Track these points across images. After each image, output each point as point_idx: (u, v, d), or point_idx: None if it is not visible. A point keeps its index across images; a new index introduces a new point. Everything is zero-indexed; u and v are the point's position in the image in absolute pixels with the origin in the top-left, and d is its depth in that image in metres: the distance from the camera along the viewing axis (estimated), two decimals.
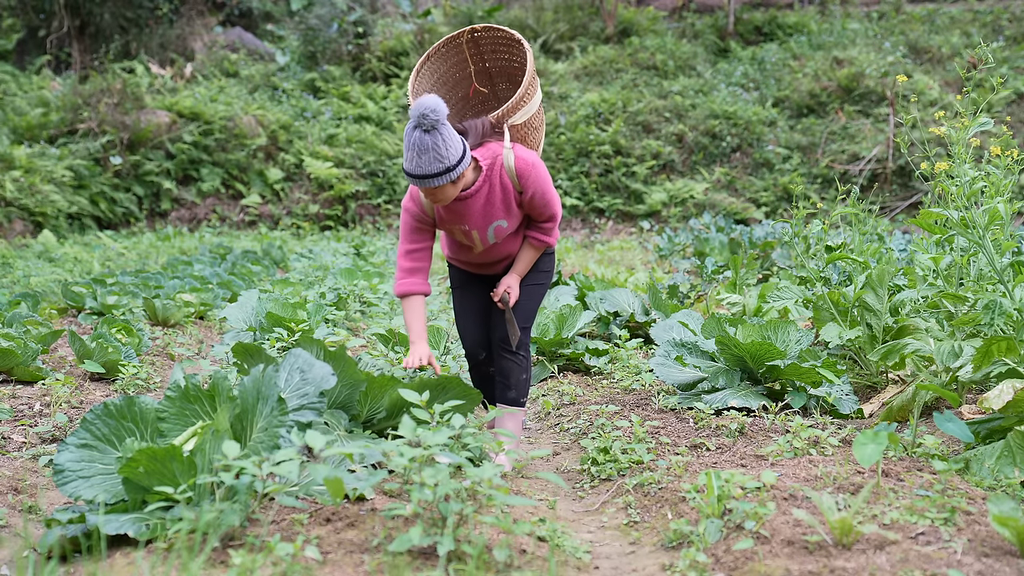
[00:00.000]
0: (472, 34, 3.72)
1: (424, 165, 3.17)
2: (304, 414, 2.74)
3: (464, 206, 3.45)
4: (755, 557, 2.32)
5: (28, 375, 4.70)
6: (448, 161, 3.20)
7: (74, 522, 2.53)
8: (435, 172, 3.19)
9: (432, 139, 3.16)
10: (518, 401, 3.64)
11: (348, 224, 16.16)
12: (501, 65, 3.82)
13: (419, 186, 3.25)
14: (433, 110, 3.14)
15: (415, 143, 3.16)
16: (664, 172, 17.23)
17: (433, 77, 3.76)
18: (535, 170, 3.45)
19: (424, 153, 3.16)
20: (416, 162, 3.18)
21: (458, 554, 2.32)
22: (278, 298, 6.11)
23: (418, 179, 3.21)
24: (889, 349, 3.86)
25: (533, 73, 3.55)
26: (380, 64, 19.58)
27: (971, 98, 4.43)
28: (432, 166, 3.18)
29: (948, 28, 20.11)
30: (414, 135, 3.17)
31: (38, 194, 13.42)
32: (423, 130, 3.15)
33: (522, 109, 3.52)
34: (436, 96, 3.18)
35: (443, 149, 3.18)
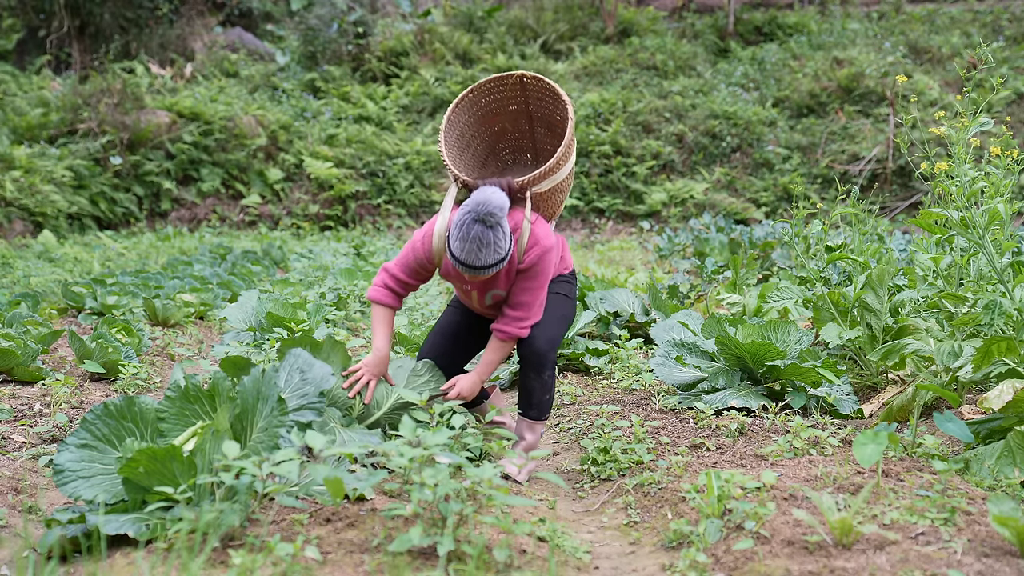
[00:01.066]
0: (522, 79, 3.70)
1: (484, 258, 3.18)
2: (304, 414, 2.74)
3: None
4: (755, 557, 2.32)
5: (28, 375, 4.70)
6: (503, 251, 3.22)
7: (74, 522, 2.53)
8: (492, 263, 3.20)
9: (494, 235, 3.16)
10: (539, 418, 3.55)
11: (348, 224, 16.16)
12: (543, 112, 3.81)
13: (469, 275, 3.23)
14: (500, 207, 3.14)
15: (476, 236, 3.14)
16: (664, 172, 17.24)
17: (473, 108, 3.75)
18: (543, 254, 3.39)
19: (485, 247, 3.16)
20: (476, 255, 3.16)
21: (458, 554, 2.32)
22: (278, 298, 6.11)
23: (473, 269, 3.20)
24: (889, 349, 3.86)
25: (570, 141, 3.49)
26: (380, 64, 19.58)
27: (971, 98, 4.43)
28: (489, 259, 3.19)
29: (948, 28, 20.11)
30: (475, 228, 3.14)
31: (38, 194, 13.42)
32: (487, 226, 3.14)
33: (551, 177, 3.48)
34: (499, 192, 3.17)
35: (502, 242, 3.19)
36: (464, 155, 3.82)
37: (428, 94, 18.87)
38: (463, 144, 3.81)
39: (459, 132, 3.78)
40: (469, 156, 3.86)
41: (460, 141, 3.79)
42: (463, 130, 3.79)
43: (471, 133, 3.83)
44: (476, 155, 3.89)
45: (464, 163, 3.80)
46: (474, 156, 3.88)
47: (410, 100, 18.81)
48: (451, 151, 3.69)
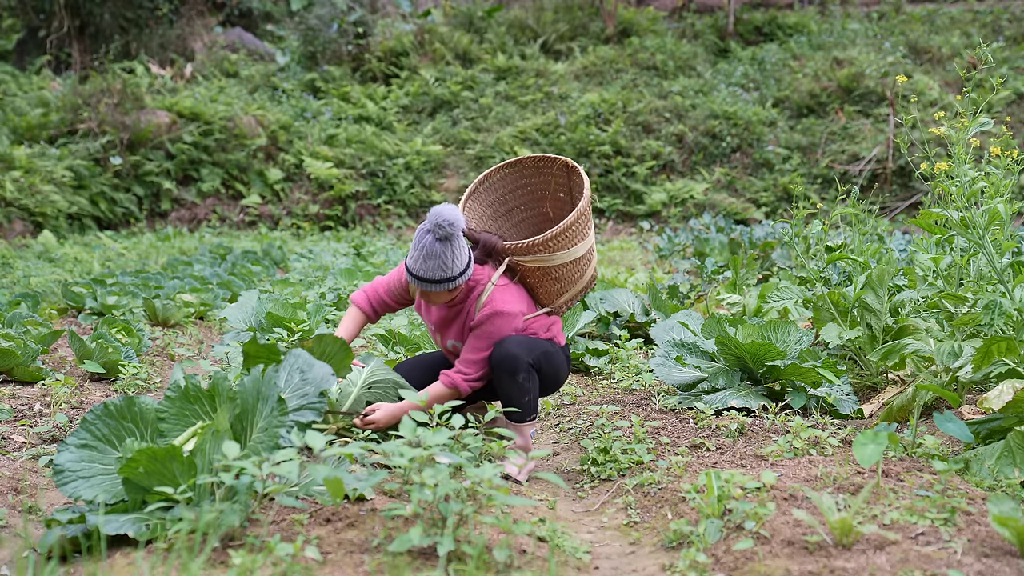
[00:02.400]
0: (566, 165, 3.76)
1: (427, 270, 3.25)
2: (304, 414, 2.73)
3: (443, 313, 3.51)
4: (755, 557, 2.32)
5: (28, 375, 4.70)
6: (450, 272, 3.27)
7: (74, 522, 2.53)
8: (434, 279, 3.27)
9: (442, 248, 3.22)
10: (524, 420, 3.50)
11: (348, 224, 16.16)
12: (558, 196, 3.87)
13: (414, 285, 3.32)
14: (451, 223, 3.20)
15: (424, 246, 3.23)
16: (664, 172, 17.24)
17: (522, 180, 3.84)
18: (493, 317, 3.38)
19: (430, 259, 3.23)
20: (420, 264, 3.25)
21: (458, 554, 2.32)
22: (278, 298, 6.11)
23: (416, 280, 3.29)
24: (889, 349, 3.86)
25: (571, 224, 3.46)
26: (380, 64, 19.58)
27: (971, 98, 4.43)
28: (434, 273, 3.25)
29: (948, 28, 20.11)
30: (425, 239, 3.23)
31: (38, 194, 13.42)
32: (436, 237, 3.21)
33: (538, 255, 3.47)
34: (456, 209, 3.24)
35: (449, 260, 3.24)
36: (501, 220, 3.88)
37: (428, 94, 18.87)
38: (504, 210, 3.87)
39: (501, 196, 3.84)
40: (511, 223, 3.91)
41: (501, 206, 3.86)
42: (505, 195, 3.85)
43: (516, 203, 3.89)
44: (521, 223, 3.94)
45: (499, 225, 3.86)
46: (517, 223, 3.93)
47: (410, 100, 18.80)
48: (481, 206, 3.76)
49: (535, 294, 3.61)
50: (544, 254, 3.47)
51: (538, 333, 3.55)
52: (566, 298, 3.64)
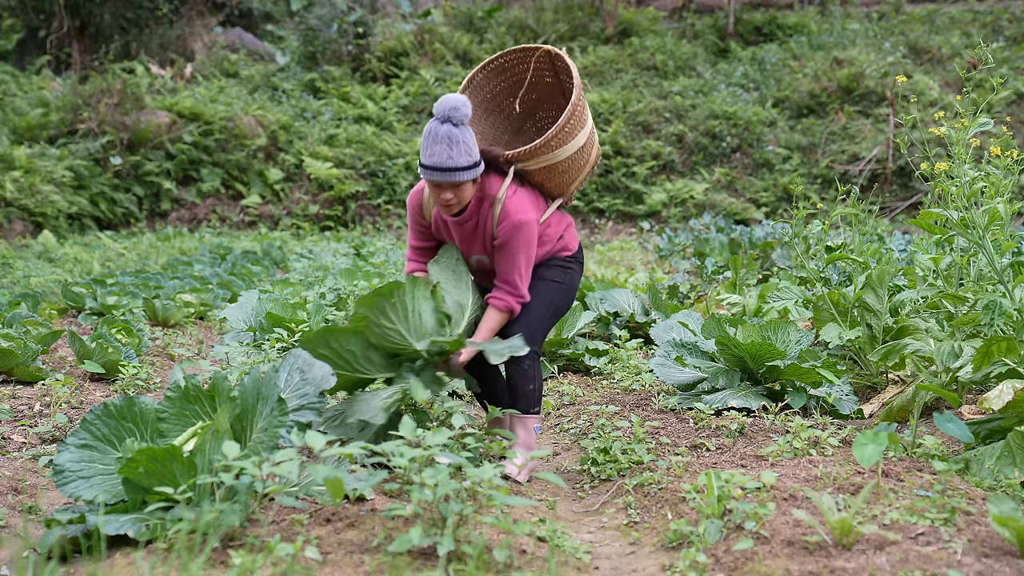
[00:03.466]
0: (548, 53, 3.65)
1: (456, 157, 3.15)
2: (304, 414, 2.73)
3: (458, 227, 3.44)
4: (755, 557, 2.32)
5: (28, 375, 4.70)
6: (475, 156, 3.20)
7: (74, 522, 2.53)
8: (465, 165, 3.17)
9: (462, 133, 3.16)
10: (527, 411, 3.49)
11: (348, 224, 16.16)
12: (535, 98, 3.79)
13: (444, 180, 3.18)
14: (464, 104, 3.16)
15: (445, 135, 3.13)
16: (664, 172, 17.24)
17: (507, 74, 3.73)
18: (515, 229, 3.33)
19: (455, 144, 3.14)
20: (448, 154, 3.14)
21: (458, 554, 2.32)
22: (278, 298, 6.11)
23: (447, 172, 3.16)
24: (889, 349, 3.86)
25: (567, 122, 3.41)
26: (380, 64, 19.58)
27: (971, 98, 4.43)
28: (463, 158, 3.16)
29: (948, 28, 20.11)
30: (443, 128, 3.14)
31: (38, 194, 13.42)
32: (453, 124, 3.15)
33: (542, 157, 3.42)
34: (462, 96, 3.20)
35: (472, 144, 3.19)
36: (493, 118, 3.78)
37: (428, 94, 18.87)
38: (493, 106, 3.77)
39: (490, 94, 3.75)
40: (502, 119, 3.82)
41: (491, 103, 3.76)
42: (495, 92, 3.76)
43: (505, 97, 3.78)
44: (511, 121, 3.85)
45: (491, 126, 3.77)
46: (507, 120, 3.84)
47: (410, 100, 18.81)
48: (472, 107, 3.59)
49: (544, 190, 3.56)
50: (547, 154, 3.43)
51: (554, 240, 3.54)
52: (576, 185, 3.63)
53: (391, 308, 3.10)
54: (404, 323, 3.12)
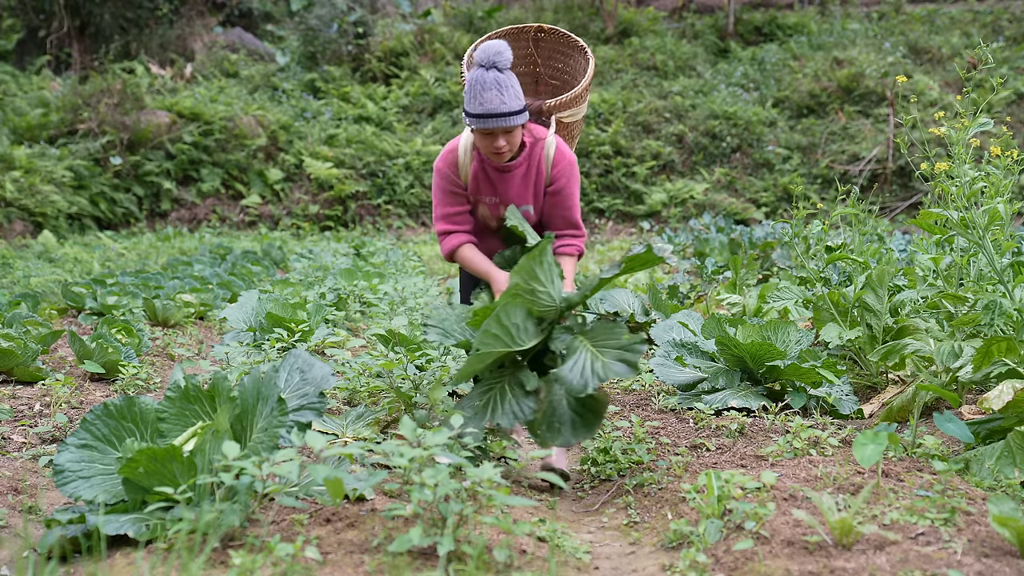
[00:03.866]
0: (538, 33, 3.68)
1: (508, 100, 3.10)
2: (304, 414, 2.73)
3: (503, 177, 3.36)
4: (755, 557, 2.32)
5: (28, 375, 4.70)
6: (524, 100, 3.15)
7: (74, 522, 2.53)
8: (517, 109, 3.12)
9: (508, 78, 3.11)
10: None
11: (348, 224, 16.16)
12: (551, 72, 3.80)
13: (498, 126, 3.13)
14: (506, 48, 3.11)
15: (494, 81, 3.09)
16: (664, 172, 17.24)
17: None
18: (572, 168, 3.38)
19: (506, 89, 3.09)
20: (500, 99, 3.09)
21: (458, 554, 2.32)
22: (278, 298, 6.11)
23: (501, 117, 3.11)
24: (889, 349, 3.86)
25: (590, 80, 3.51)
26: (380, 64, 19.58)
27: (971, 98, 4.43)
28: (514, 103, 3.11)
29: (948, 28, 20.11)
30: (490, 74, 3.10)
31: (38, 194, 13.43)
32: (498, 69, 3.10)
33: (572, 109, 3.46)
34: (503, 41, 3.14)
35: (518, 88, 3.14)
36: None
37: (428, 94, 18.87)
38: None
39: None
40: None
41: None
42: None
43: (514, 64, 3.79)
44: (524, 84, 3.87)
45: None
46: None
47: (410, 100, 18.81)
48: None
49: None
50: (575, 107, 3.48)
51: None
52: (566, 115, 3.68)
53: (541, 271, 2.97)
54: (551, 284, 3.02)
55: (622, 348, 2.81)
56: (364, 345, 5.88)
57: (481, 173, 3.39)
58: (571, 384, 2.83)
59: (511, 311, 2.94)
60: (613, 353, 2.82)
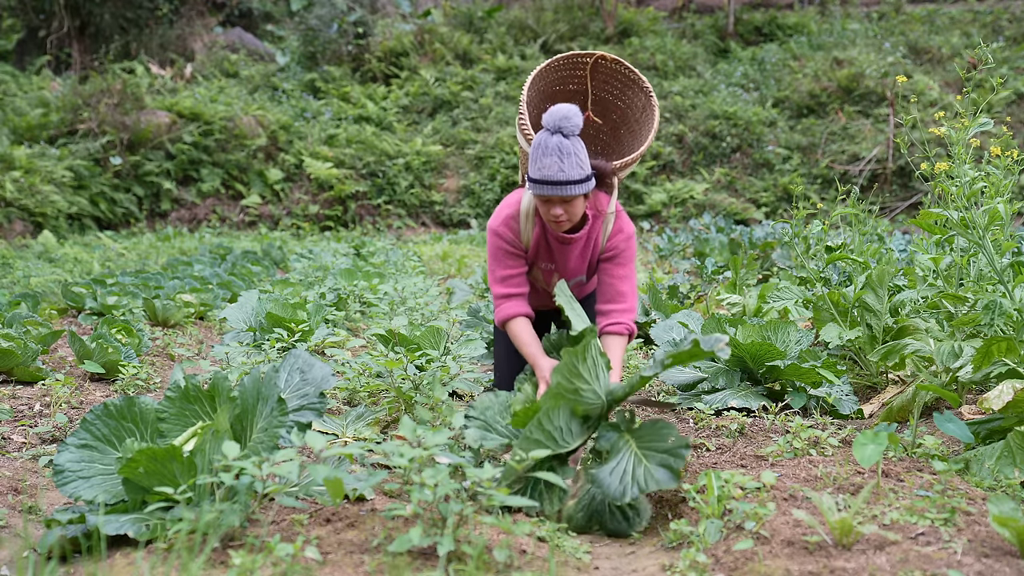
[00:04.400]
0: (598, 61, 3.56)
1: (568, 170, 2.97)
2: (304, 414, 2.73)
3: (564, 248, 3.27)
4: (755, 557, 2.32)
5: (28, 375, 4.70)
6: (588, 170, 3.02)
7: (74, 522, 2.53)
8: (578, 179, 2.99)
9: (573, 145, 2.99)
10: None
11: (348, 224, 16.16)
12: (605, 99, 3.69)
13: (554, 194, 3.00)
14: (576, 115, 2.98)
15: (556, 147, 2.96)
16: (664, 172, 17.23)
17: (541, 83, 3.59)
18: (629, 241, 3.28)
19: (567, 157, 2.97)
20: (559, 166, 2.96)
21: (458, 554, 2.32)
22: (278, 298, 6.11)
23: (559, 186, 2.99)
24: (889, 349, 3.86)
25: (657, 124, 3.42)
26: (380, 64, 19.58)
27: (971, 98, 4.43)
28: (575, 172, 2.98)
29: (948, 28, 20.12)
30: (553, 140, 2.97)
31: (38, 194, 13.43)
32: (563, 135, 2.98)
33: (628, 169, 3.40)
34: (574, 107, 3.01)
35: (584, 156, 3.02)
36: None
37: (428, 94, 18.87)
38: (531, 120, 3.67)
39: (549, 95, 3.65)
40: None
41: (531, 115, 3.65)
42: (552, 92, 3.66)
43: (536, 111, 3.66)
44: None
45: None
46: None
47: (410, 100, 18.81)
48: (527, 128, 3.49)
49: None
50: (632, 166, 3.42)
51: None
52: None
53: (584, 367, 2.86)
54: (595, 381, 2.91)
55: (667, 452, 2.71)
56: (364, 345, 5.89)
57: (542, 240, 3.28)
58: (608, 490, 2.70)
59: (553, 414, 2.84)
60: (658, 458, 2.71)
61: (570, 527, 2.79)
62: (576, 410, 2.86)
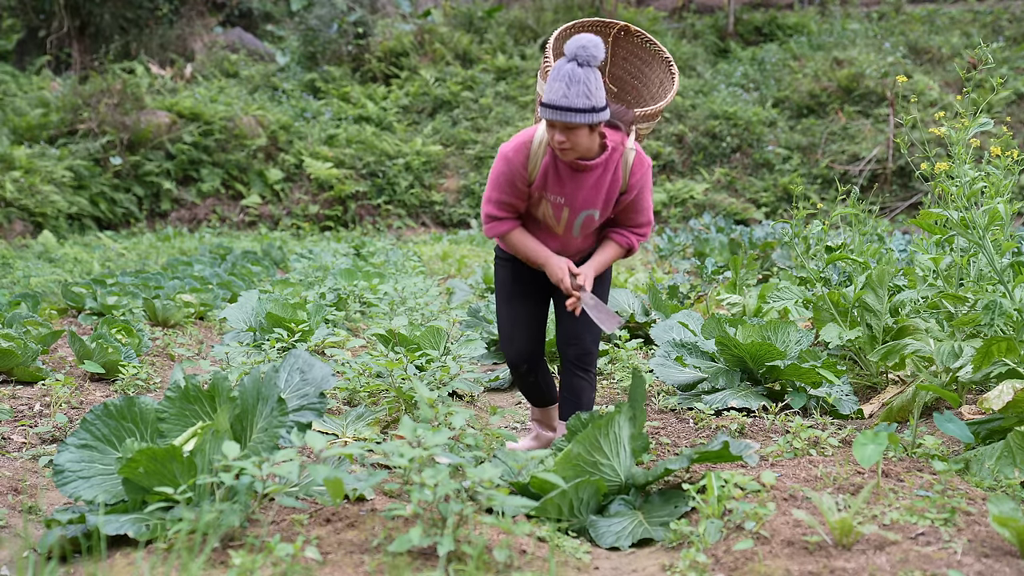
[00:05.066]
0: (620, 32, 3.58)
1: (571, 97, 3.00)
2: (304, 415, 2.73)
3: (577, 176, 3.24)
4: (755, 557, 2.32)
5: (28, 375, 4.70)
6: (595, 102, 3.04)
7: (74, 522, 2.53)
8: (580, 107, 3.02)
9: (585, 74, 3.01)
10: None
11: (348, 224, 16.16)
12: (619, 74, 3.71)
13: (555, 119, 3.04)
14: (595, 46, 3.00)
15: (567, 74, 3.01)
16: (664, 172, 17.23)
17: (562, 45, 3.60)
18: (648, 173, 3.33)
19: (574, 84, 3.00)
20: (563, 92, 3.00)
21: (458, 554, 2.32)
22: (278, 298, 6.11)
23: (560, 111, 3.02)
24: (889, 349, 3.86)
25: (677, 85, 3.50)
26: (380, 64, 19.58)
27: (971, 98, 4.43)
28: (579, 100, 3.01)
29: (948, 28, 20.12)
30: (567, 67, 3.01)
31: (38, 194, 13.43)
32: (578, 63, 3.01)
33: (650, 122, 3.45)
34: (599, 39, 3.03)
35: (593, 88, 3.02)
36: None
37: (428, 94, 18.87)
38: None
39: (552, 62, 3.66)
40: None
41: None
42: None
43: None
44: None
45: None
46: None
47: (410, 100, 18.81)
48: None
49: None
50: (655, 120, 3.47)
51: None
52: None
53: (607, 442, 2.81)
54: (615, 458, 2.84)
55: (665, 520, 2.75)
56: (364, 345, 5.88)
57: (552, 168, 3.26)
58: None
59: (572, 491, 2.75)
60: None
61: None
62: (590, 485, 2.79)
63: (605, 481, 2.82)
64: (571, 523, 2.77)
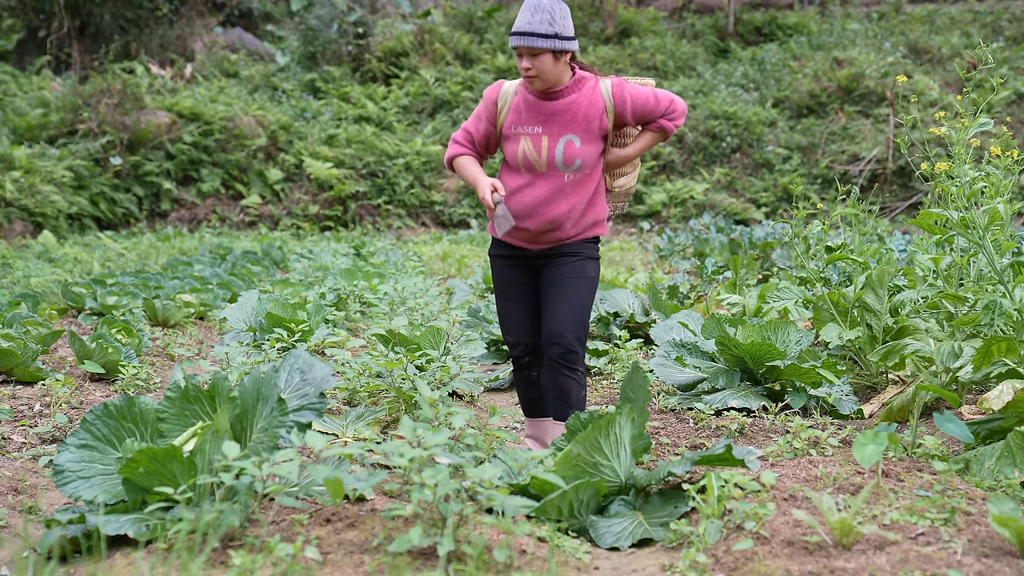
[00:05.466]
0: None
1: (535, 23, 3.17)
2: (304, 415, 2.73)
3: (549, 106, 3.33)
4: (755, 557, 2.32)
5: (28, 375, 4.70)
6: (558, 29, 3.19)
7: (74, 522, 2.53)
8: (543, 33, 3.18)
9: (550, 3, 3.19)
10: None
11: (348, 224, 16.16)
12: None
13: (522, 45, 3.20)
14: None
15: (535, 3, 3.19)
16: (664, 172, 17.23)
17: None
18: (629, 85, 3.39)
19: (539, 12, 3.18)
20: (527, 19, 3.18)
21: (458, 554, 2.32)
22: (278, 298, 6.11)
23: (523, 36, 3.20)
24: (889, 350, 3.86)
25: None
26: (380, 64, 19.58)
27: (971, 98, 4.43)
28: (542, 26, 3.17)
29: (948, 28, 20.12)
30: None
31: (38, 194, 13.43)
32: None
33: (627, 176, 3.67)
34: None
35: (558, 17, 3.19)
36: None
37: (428, 94, 18.86)
38: None
39: None
40: None
41: None
42: None
43: None
44: None
45: None
46: None
47: (410, 100, 18.81)
48: None
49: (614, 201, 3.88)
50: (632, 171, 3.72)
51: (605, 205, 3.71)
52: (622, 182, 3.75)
53: (607, 444, 2.80)
54: (616, 459, 2.84)
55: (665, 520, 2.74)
56: (364, 345, 5.88)
57: (523, 103, 3.38)
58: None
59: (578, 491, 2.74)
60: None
61: None
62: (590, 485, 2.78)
63: (605, 482, 2.83)
64: (571, 523, 2.77)
